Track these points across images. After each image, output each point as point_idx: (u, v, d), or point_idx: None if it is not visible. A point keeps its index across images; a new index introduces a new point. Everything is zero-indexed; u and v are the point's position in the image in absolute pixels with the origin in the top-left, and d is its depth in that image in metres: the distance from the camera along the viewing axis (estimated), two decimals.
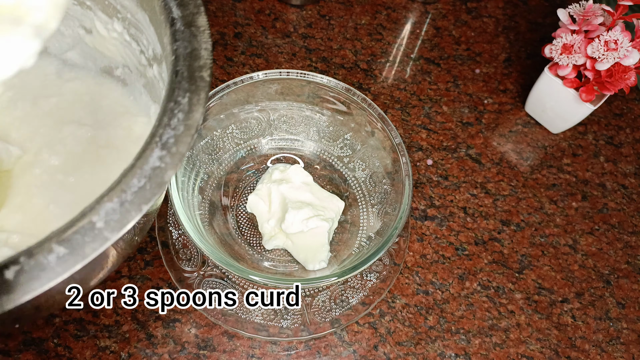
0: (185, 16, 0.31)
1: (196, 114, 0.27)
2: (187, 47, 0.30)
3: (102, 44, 0.41)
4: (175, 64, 0.29)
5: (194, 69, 0.29)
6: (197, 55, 0.29)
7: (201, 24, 0.31)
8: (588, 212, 0.54)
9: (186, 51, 0.29)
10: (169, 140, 0.26)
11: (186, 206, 0.40)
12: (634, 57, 0.47)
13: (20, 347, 0.40)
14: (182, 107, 0.27)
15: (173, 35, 0.30)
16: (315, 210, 0.45)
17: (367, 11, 0.65)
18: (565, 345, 0.46)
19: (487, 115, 0.59)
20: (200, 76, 0.29)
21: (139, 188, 0.24)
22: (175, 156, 0.26)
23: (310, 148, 0.51)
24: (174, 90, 0.28)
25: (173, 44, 0.30)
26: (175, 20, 0.31)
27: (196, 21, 0.31)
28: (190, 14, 0.31)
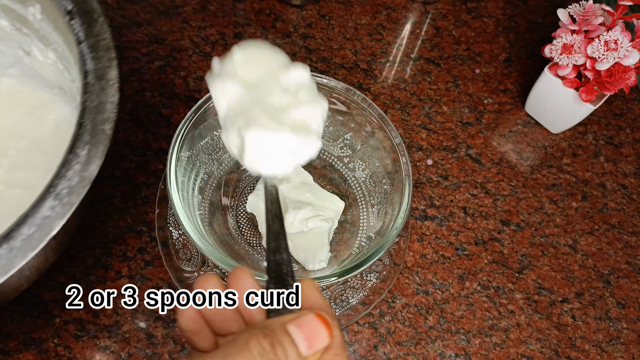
0: (97, 69, 0.33)
1: (92, 167, 0.30)
2: (94, 100, 0.32)
3: (40, 66, 0.43)
4: (82, 116, 0.31)
5: (97, 122, 0.31)
6: (102, 108, 0.31)
7: (111, 77, 0.33)
8: (588, 212, 0.54)
9: (93, 104, 0.31)
10: (63, 191, 0.28)
11: (186, 206, 0.40)
12: (634, 57, 0.47)
13: (20, 347, 0.40)
14: (80, 159, 0.29)
15: (84, 87, 0.32)
16: (315, 210, 0.45)
17: (367, 11, 0.65)
18: (565, 345, 0.46)
19: (487, 115, 0.59)
20: (102, 129, 0.31)
21: (28, 236, 0.27)
22: (66, 206, 0.28)
23: None
24: (75, 142, 0.30)
25: (83, 96, 0.32)
26: (87, 73, 0.33)
27: (107, 74, 0.33)
28: (102, 68, 0.33)
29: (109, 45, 0.34)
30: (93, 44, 0.34)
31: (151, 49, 0.57)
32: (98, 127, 0.31)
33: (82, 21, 0.35)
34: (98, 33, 0.34)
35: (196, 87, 0.55)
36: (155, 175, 0.49)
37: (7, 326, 0.41)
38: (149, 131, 0.52)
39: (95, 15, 0.35)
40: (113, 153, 0.50)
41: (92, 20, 0.35)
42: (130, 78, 0.54)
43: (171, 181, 0.39)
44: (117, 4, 0.59)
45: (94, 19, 0.35)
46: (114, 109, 0.32)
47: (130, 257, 0.45)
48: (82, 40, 0.34)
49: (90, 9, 0.35)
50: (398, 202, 0.42)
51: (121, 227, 0.46)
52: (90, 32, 0.34)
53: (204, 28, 0.59)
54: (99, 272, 0.44)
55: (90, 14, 0.35)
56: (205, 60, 0.57)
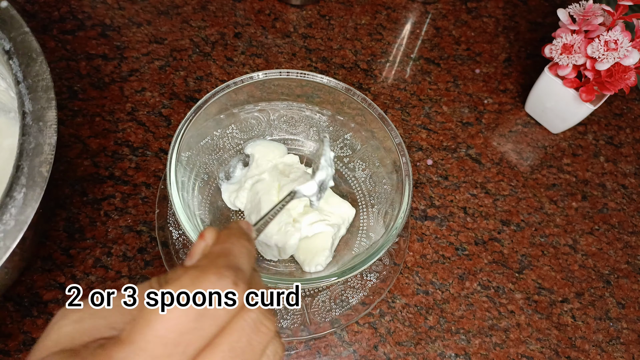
0: (35, 111, 0.33)
1: (28, 209, 0.30)
2: (31, 142, 0.32)
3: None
4: (19, 158, 0.31)
5: (34, 164, 0.31)
6: (40, 150, 0.32)
7: (49, 118, 0.33)
8: (588, 212, 0.54)
9: (30, 146, 0.32)
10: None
11: (186, 206, 0.40)
12: (634, 57, 0.47)
13: (20, 347, 0.40)
14: (17, 203, 0.30)
15: (22, 128, 0.32)
16: (322, 215, 0.45)
17: (367, 11, 0.65)
18: (565, 345, 0.46)
19: (487, 115, 0.59)
20: (39, 172, 0.31)
21: None
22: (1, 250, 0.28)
23: (310, 148, 0.51)
24: (12, 185, 0.30)
25: (20, 137, 0.32)
26: (25, 114, 0.33)
27: (45, 116, 0.33)
28: (40, 109, 0.33)
29: (48, 85, 0.34)
30: (31, 85, 0.34)
31: (151, 49, 0.57)
32: (35, 170, 0.31)
33: (21, 61, 0.35)
34: (37, 73, 0.34)
35: (196, 87, 0.55)
36: (155, 175, 0.49)
37: (7, 326, 0.41)
38: (149, 131, 0.52)
39: (35, 55, 0.35)
40: (113, 153, 0.50)
41: (31, 60, 0.35)
42: (130, 78, 0.54)
43: (171, 181, 0.39)
44: (117, 4, 0.59)
45: (33, 58, 0.35)
46: (51, 151, 0.32)
47: (130, 257, 0.45)
48: (20, 80, 0.34)
49: (29, 48, 0.35)
50: (398, 202, 0.42)
51: (121, 227, 0.46)
52: (28, 72, 0.34)
53: (204, 28, 0.59)
54: (99, 272, 0.44)
55: (29, 53, 0.35)
56: (205, 60, 0.57)
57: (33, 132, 0.32)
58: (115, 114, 0.52)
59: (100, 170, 0.49)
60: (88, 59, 0.55)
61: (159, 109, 0.53)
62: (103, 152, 0.50)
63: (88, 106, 0.52)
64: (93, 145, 0.50)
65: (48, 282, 0.43)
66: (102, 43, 0.56)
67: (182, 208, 0.39)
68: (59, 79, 0.53)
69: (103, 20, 0.58)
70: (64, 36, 0.56)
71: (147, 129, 0.52)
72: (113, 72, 0.54)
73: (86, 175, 0.48)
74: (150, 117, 0.52)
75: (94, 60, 0.55)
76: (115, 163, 0.49)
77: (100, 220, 0.46)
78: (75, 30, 0.56)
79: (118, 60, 0.55)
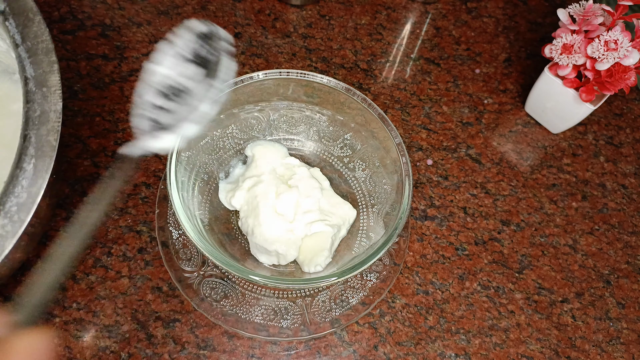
0: (37, 76, 0.31)
1: (40, 180, 0.28)
2: (36, 110, 0.30)
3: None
4: (25, 127, 0.29)
5: (41, 133, 0.29)
6: (46, 118, 0.30)
7: (53, 83, 0.31)
8: (588, 212, 0.54)
9: (35, 114, 0.30)
10: (12, 208, 0.28)
11: (186, 206, 0.40)
12: (634, 57, 0.47)
13: None
14: (27, 174, 0.28)
15: (25, 96, 0.30)
16: (322, 214, 0.45)
17: (367, 11, 0.65)
18: (565, 345, 0.46)
19: (487, 115, 0.59)
20: (47, 141, 0.29)
21: None
22: (16, 224, 0.27)
23: (310, 148, 0.51)
24: (21, 156, 0.29)
25: (25, 105, 0.30)
26: (27, 79, 0.31)
27: (48, 81, 0.31)
28: (43, 73, 0.31)
29: (48, 47, 0.32)
30: (31, 48, 0.32)
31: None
32: (43, 139, 0.29)
33: (17, 22, 0.32)
34: (36, 34, 0.32)
35: None
36: (155, 175, 0.49)
37: None
38: None
39: (31, 15, 0.33)
40: (113, 153, 0.50)
41: (28, 20, 0.32)
42: (130, 78, 0.54)
43: (171, 181, 0.39)
44: (117, 4, 0.59)
45: (30, 18, 0.33)
46: (57, 118, 0.30)
47: (130, 257, 0.45)
48: (19, 43, 0.32)
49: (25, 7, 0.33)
50: (398, 202, 0.42)
51: (121, 227, 0.46)
52: (26, 34, 0.32)
53: None
54: (99, 272, 0.44)
55: (25, 13, 0.33)
56: None
57: (37, 99, 0.30)
58: (115, 114, 0.52)
59: (100, 170, 0.49)
60: (88, 59, 0.55)
61: None
62: (103, 152, 0.50)
63: (88, 106, 0.52)
64: (93, 145, 0.50)
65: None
66: (102, 43, 0.56)
67: (182, 208, 0.39)
68: None
69: (103, 20, 0.58)
70: (64, 36, 0.56)
71: None
72: (113, 72, 0.54)
73: (86, 175, 0.48)
74: None
75: (94, 60, 0.55)
76: (116, 163, 0.49)
77: (100, 220, 0.46)
78: (75, 30, 0.56)
79: (118, 60, 0.55)
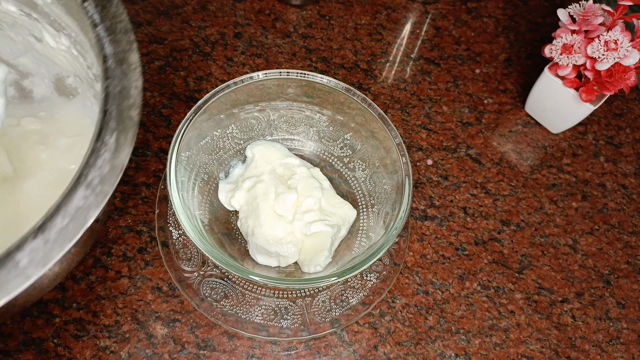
0: (117, 53, 0.31)
1: (122, 154, 0.28)
2: (117, 86, 0.30)
3: (52, 53, 0.41)
4: (105, 102, 0.29)
5: (123, 108, 0.29)
6: (126, 94, 0.30)
7: (133, 61, 0.31)
8: (588, 212, 0.54)
9: (116, 90, 0.30)
10: (94, 180, 0.27)
11: (186, 206, 0.40)
12: (634, 57, 0.47)
13: (20, 347, 0.40)
14: (109, 147, 0.28)
15: (105, 72, 0.30)
16: (322, 214, 0.45)
17: (367, 11, 0.65)
18: (565, 345, 0.46)
19: (487, 115, 0.59)
20: (128, 115, 0.29)
21: (62, 227, 0.26)
22: (99, 196, 0.27)
23: (310, 148, 0.51)
24: (102, 130, 0.29)
25: (104, 82, 0.30)
26: (107, 57, 0.31)
27: (128, 58, 0.31)
28: (122, 51, 0.31)
29: (127, 27, 0.32)
30: (110, 27, 0.32)
31: (151, 49, 0.57)
32: (124, 114, 0.29)
33: (97, 2, 0.33)
34: (114, 15, 0.32)
35: (196, 87, 0.55)
36: (155, 175, 0.49)
37: (7, 326, 0.41)
38: (149, 131, 0.52)
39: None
40: None
41: (107, 1, 0.33)
42: None
43: (171, 181, 0.39)
44: None
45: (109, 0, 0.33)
46: (138, 94, 0.30)
47: (130, 257, 0.45)
48: (97, 23, 0.32)
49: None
50: (398, 202, 0.42)
51: (121, 227, 0.46)
52: (105, 14, 0.32)
53: (204, 28, 0.59)
54: (99, 272, 0.44)
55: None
56: (205, 60, 0.57)
57: (117, 75, 0.30)
58: None
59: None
60: None
61: (159, 109, 0.53)
62: None
63: None
64: None
65: None
66: None
67: (182, 208, 0.39)
68: None
69: None
70: None
71: (147, 129, 0.52)
72: None
73: None
74: (150, 117, 0.52)
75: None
76: None
77: (100, 220, 0.46)
78: None
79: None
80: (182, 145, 0.41)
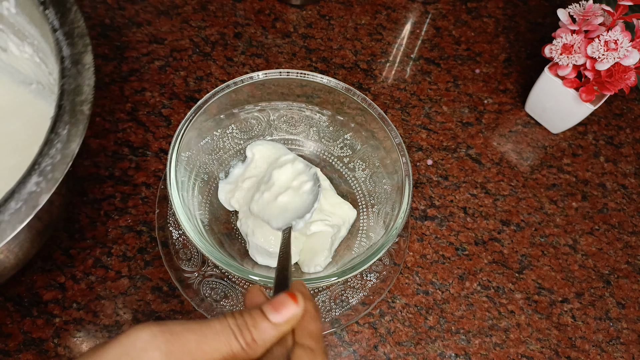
0: (73, 55, 0.35)
1: (73, 144, 0.31)
2: (72, 84, 0.34)
3: (17, 62, 0.44)
4: (60, 98, 0.33)
5: (75, 103, 0.33)
6: (80, 90, 0.34)
7: (87, 61, 0.35)
8: (588, 212, 0.54)
9: (71, 87, 0.34)
10: (47, 167, 0.30)
11: (186, 206, 0.40)
12: (634, 57, 0.47)
13: (20, 347, 0.40)
14: (62, 138, 0.31)
15: (61, 72, 0.34)
16: (321, 214, 0.45)
17: (367, 11, 0.65)
18: (565, 345, 0.46)
19: (487, 115, 0.59)
20: (80, 110, 0.33)
21: (15, 210, 0.29)
22: (50, 182, 0.30)
23: (310, 148, 0.51)
24: (56, 122, 0.32)
25: (60, 80, 0.34)
26: (64, 58, 0.35)
27: (83, 59, 0.35)
28: (78, 53, 0.35)
29: (83, 32, 0.36)
30: (68, 32, 0.36)
31: (151, 49, 0.57)
32: (77, 108, 0.33)
33: (56, 10, 0.37)
34: (72, 21, 0.36)
35: (196, 87, 0.55)
36: (155, 175, 0.49)
37: (7, 326, 0.41)
38: (149, 131, 0.52)
39: (69, 5, 0.37)
40: (113, 153, 0.50)
41: (66, 9, 0.37)
42: (130, 78, 0.54)
43: (171, 181, 0.39)
44: (117, 4, 0.59)
45: (68, 7, 0.37)
46: (91, 91, 0.34)
47: (130, 257, 0.45)
48: (57, 28, 0.36)
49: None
50: (398, 202, 0.42)
51: (121, 227, 0.46)
52: (64, 20, 0.36)
53: (203, 28, 0.59)
54: (99, 272, 0.44)
55: (63, 3, 0.37)
56: (205, 60, 0.57)
57: (72, 74, 0.34)
58: (115, 114, 0.52)
59: (100, 170, 0.49)
60: None
61: (159, 109, 0.53)
62: (103, 152, 0.50)
63: None
64: (93, 145, 0.50)
65: (48, 282, 0.43)
66: (102, 43, 0.56)
67: (182, 208, 0.39)
68: None
69: (103, 20, 0.58)
70: None
71: (147, 129, 0.52)
72: (113, 72, 0.54)
73: (86, 175, 0.48)
74: (150, 117, 0.52)
75: (94, 60, 0.55)
76: (115, 163, 0.49)
77: (100, 220, 0.46)
78: None
79: (118, 60, 0.55)
80: (182, 145, 0.41)
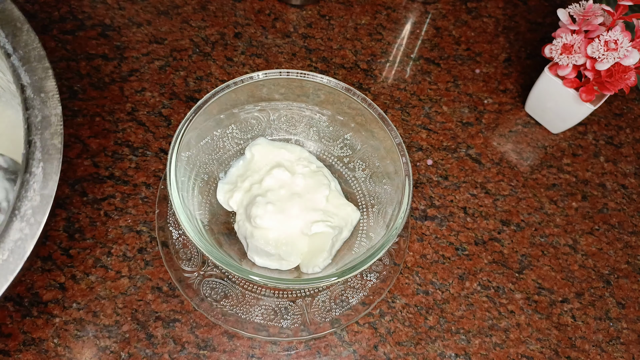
0: (34, 82, 0.32)
1: (51, 183, 0.30)
2: (37, 116, 0.31)
3: None
4: (28, 133, 0.31)
5: (45, 137, 0.31)
6: (47, 122, 0.31)
7: (50, 88, 0.32)
8: (588, 212, 0.54)
9: (37, 119, 0.31)
10: (27, 212, 0.29)
11: (186, 206, 0.40)
12: (634, 57, 0.47)
13: (20, 347, 0.40)
14: (37, 177, 0.30)
15: (24, 102, 0.32)
16: (324, 215, 0.44)
17: (367, 11, 0.65)
18: (565, 345, 0.46)
19: (487, 115, 0.59)
20: (52, 144, 0.31)
21: (3, 262, 0.28)
22: (34, 226, 0.29)
23: (310, 148, 0.51)
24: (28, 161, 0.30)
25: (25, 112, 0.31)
26: (24, 87, 0.32)
27: (45, 86, 0.32)
28: (38, 79, 0.32)
29: (40, 54, 0.33)
30: (24, 56, 0.33)
31: (151, 49, 0.57)
32: (48, 142, 0.31)
33: (7, 32, 0.33)
34: (26, 42, 0.33)
35: (196, 87, 0.55)
36: (155, 175, 0.49)
37: (7, 326, 0.41)
38: (149, 131, 0.52)
39: (19, 24, 0.34)
40: (113, 153, 0.50)
41: (17, 29, 0.34)
42: (130, 78, 0.54)
43: (171, 181, 0.39)
44: (117, 4, 0.59)
45: (19, 27, 0.34)
46: (59, 122, 0.32)
47: (130, 257, 0.45)
48: (10, 53, 0.33)
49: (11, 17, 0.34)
50: (398, 202, 0.42)
51: (121, 227, 0.46)
52: (17, 43, 0.33)
53: (203, 28, 0.59)
54: (99, 272, 0.44)
55: (13, 22, 0.34)
56: (205, 60, 0.57)
57: (37, 105, 0.32)
58: (115, 114, 0.52)
59: (100, 170, 0.49)
60: (88, 59, 0.55)
61: (159, 109, 0.53)
62: (103, 152, 0.50)
63: (88, 106, 0.52)
64: (93, 145, 0.50)
65: (48, 282, 0.43)
66: (102, 43, 0.56)
67: (182, 208, 0.39)
68: (59, 79, 0.53)
69: (103, 20, 0.58)
70: (64, 36, 0.56)
71: (147, 129, 0.52)
72: (113, 72, 0.54)
73: (86, 175, 0.48)
74: (150, 117, 0.52)
75: (94, 60, 0.55)
76: (115, 163, 0.49)
77: (100, 220, 0.46)
78: (75, 30, 0.56)
79: (118, 60, 0.55)
80: (182, 145, 0.41)
